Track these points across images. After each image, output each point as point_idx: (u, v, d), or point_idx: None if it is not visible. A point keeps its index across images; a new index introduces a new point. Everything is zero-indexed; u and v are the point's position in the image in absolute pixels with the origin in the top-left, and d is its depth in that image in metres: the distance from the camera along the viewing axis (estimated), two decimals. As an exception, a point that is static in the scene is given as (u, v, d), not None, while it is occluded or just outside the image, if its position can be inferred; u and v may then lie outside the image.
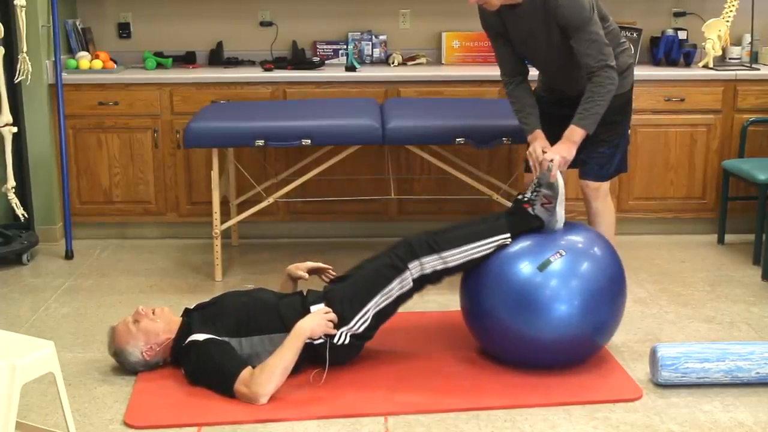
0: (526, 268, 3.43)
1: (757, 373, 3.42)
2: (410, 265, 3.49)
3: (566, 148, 3.75)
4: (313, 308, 3.50)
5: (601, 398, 3.37)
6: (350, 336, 3.49)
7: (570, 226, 3.65)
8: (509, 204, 4.75)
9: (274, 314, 3.52)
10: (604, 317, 3.52)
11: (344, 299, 3.52)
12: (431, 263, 3.50)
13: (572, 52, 3.77)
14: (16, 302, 4.44)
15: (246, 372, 3.32)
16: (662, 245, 5.29)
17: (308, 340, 3.43)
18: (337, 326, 3.47)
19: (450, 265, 3.51)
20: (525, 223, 3.57)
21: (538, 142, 3.87)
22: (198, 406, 3.30)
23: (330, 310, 3.48)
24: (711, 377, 3.42)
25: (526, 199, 3.60)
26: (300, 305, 3.55)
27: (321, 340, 3.46)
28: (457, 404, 3.32)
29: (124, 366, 3.56)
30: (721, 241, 5.32)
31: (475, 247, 3.52)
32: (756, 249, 4.93)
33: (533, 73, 4.07)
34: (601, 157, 3.97)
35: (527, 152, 3.89)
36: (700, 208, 5.45)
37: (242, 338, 3.47)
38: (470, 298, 3.61)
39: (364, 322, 3.50)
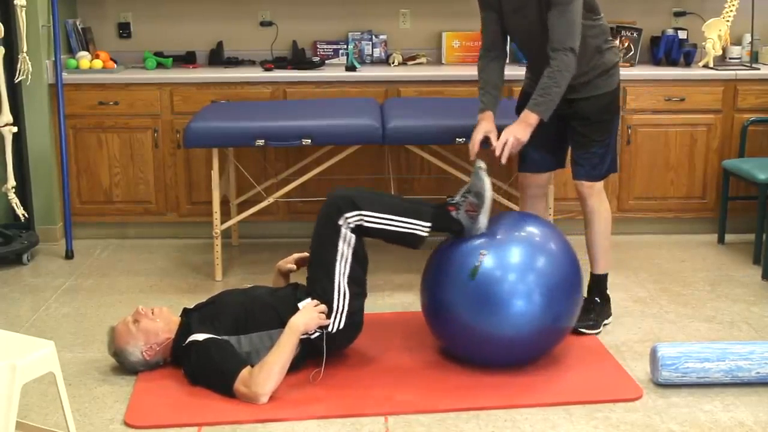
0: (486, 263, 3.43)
1: (758, 372, 3.42)
2: (339, 222, 3.49)
3: (521, 129, 3.78)
4: (300, 305, 3.51)
5: (601, 398, 3.37)
6: (343, 318, 3.49)
7: (524, 218, 3.67)
8: (509, 203, 4.77)
9: (271, 311, 3.52)
10: (562, 307, 3.51)
11: (316, 284, 3.54)
12: (354, 218, 3.49)
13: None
14: (16, 302, 4.44)
15: (245, 371, 3.32)
16: (662, 245, 5.29)
17: (304, 336, 3.44)
18: (327, 315, 3.48)
19: (367, 224, 3.50)
20: (445, 222, 3.57)
21: (483, 123, 3.91)
22: (198, 405, 3.30)
23: (318, 302, 3.49)
24: (711, 377, 3.42)
25: (453, 201, 3.58)
26: (293, 299, 3.57)
27: (317, 333, 3.47)
28: (457, 404, 3.32)
29: (124, 366, 3.56)
30: (721, 240, 5.32)
31: (392, 220, 3.51)
32: (756, 249, 4.93)
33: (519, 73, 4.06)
34: (594, 157, 3.96)
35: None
36: (700, 208, 5.45)
37: (241, 336, 3.48)
38: (429, 296, 3.62)
39: (344, 296, 3.50)
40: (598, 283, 4.13)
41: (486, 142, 3.91)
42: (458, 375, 3.54)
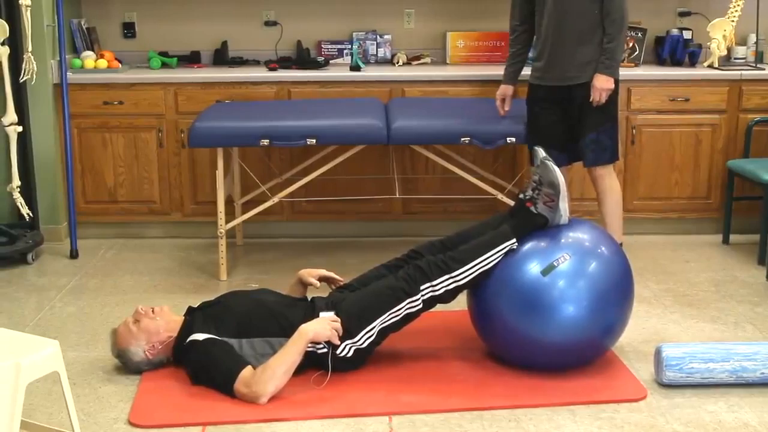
0: (534, 269, 3.42)
1: (762, 373, 3.41)
2: (422, 288, 3.48)
3: (605, 81, 4.32)
4: (322, 314, 3.49)
5: (605, 398, 3.37)
6: (354, 350, 3.48)
7: (578, 225, 3.64)
8: (513, 203, 4.76)
9: (276, 319, 3.50)
10: (611, 319, 3.51)
11: (351, 314, 3.50)
12: (443, 284, 3.48)
13: (579, 11, 4.26)
14: (20, 301, 4.45)
15: (246, 371, 3.32)
16: (667, 245, 5.29)
17: (311, 348, 3.43)
18: (342, 339, 3.46)
19: (461, 282, 3.49)
20: (529, 223, 3.56)
21: (502, 88, 4.67)
22: (202, 405, 3.30)
23: (338, 319, 3.47)
24: (716, 377, 3.42)
25: (528, 197, 3.58)
26: (307, 313, 3.54)
27: (324, 350, 3.45)
28: (462, 404, 3.32)
29: (128, 366, 3.56)
30: (725, 241, 5.31)
31: (484, 260, 3.49)
32: (761, 249, 4.92)
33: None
34: (594, 143, 4.38)
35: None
36: (704, 208, 5.44)
37: (243, 339, 3.47)
38: (477, 300, 3.60)
39: (369, 338, 3.49)
40: None
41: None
42: (462, 375, 3.54)
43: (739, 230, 5.31)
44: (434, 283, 3.48)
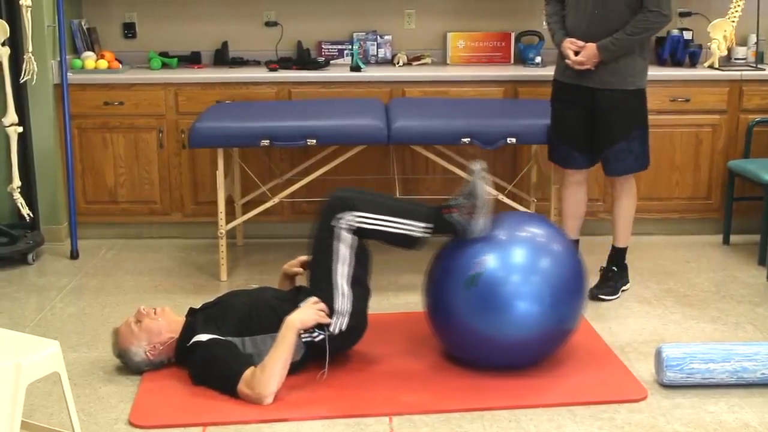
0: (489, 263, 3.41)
1: (763, 373, 3.42)
2: (336, 224, 3.47)
3: (592, 58, 4.19)
4: (302, 304, 3.50)
5: (605, 399, 3.37)
6: (345, 319, 3.47)
7: (528, 219, 3.65)
8: (513, 204, 4.77)
9: (275, 314, 3.52)
10: (566, 310, 3.50)
11: (315, 286, 3.53)
12: (349, 219, 3.46)
13: (619, 15, 4.12)
14: (21, 302, 4.45)
15: (248, 373, 3.32)
16: (667, 245, 5.29)
17: (308, 338, 3.44)
18: (330, 315, 3.46)
19: (360, 224, 3.47)
20: (444, 225, 3.53)
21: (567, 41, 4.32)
22: (203, 406, 3.30)
23: (318, 299, 3.47)
24: (716, 378, 3.42)
25: (450, 204, 3.55)
26: (295, 301, 3.56)
27: (321, 336, 3.46)
28: (462, 404, 3.32)
29: (129, 366, 3.57)
30: (726, 241, 5.31)
31: (388, 221, 3.49)
32: (761, 249, 4.92)
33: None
34: (625, 152, 4.29)
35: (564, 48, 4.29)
36: (705, 209, 5.44)
37: (245, 338, 3.48)
38: (431, 299, 3.60)
39: (346, 297, 3.48)
40: (618, 255, 4.52)
41: None
42: (463, 375, 3.54)
43: (740, 231, 5.31)
44: (341, 216, 3.46)
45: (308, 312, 3.43)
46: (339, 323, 3.48)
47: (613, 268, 4.50)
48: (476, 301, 3.40)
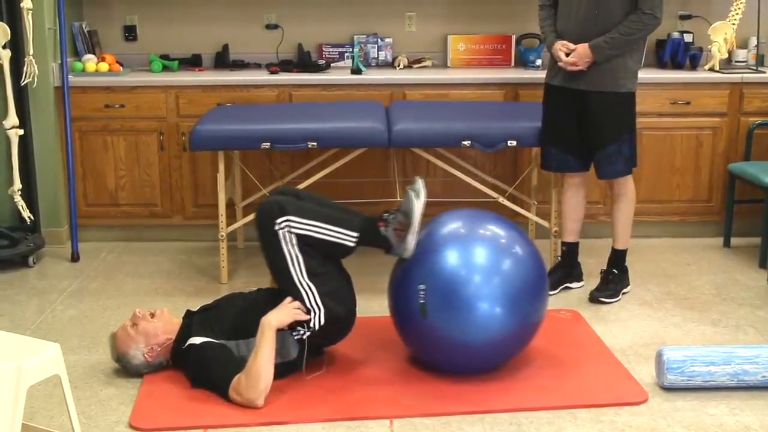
0: (452, 268, 3.41)
1: (764, 376, 3.42)
2: (275, 228, 3.44)
3: (583, 61, 4.20)
4: (281, 304, 3.49)
5: (606, 401, 3.37)
6: (320, 314, 3.45)
7: (493, 220, 3.62)
8: (514, 206, 4.77)
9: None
10: (528, 309, 3.48)
11: (284, 291, 3.51)
12: (283, 223, 3.45)
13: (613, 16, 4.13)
14: (22, 304, 4.45)
15: (236, 380, 3.33)
16: (668, 248, 5.29)
17: (297, 335, 3.44)
18: (306, 313, 3.45)
19: (294, 230, 3.45)
20: (372, 239, 3.52)
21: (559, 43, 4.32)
22: (203, 408, 3.30)
23: (292, 299, 3.47)
24: (717, 380, 3.42)
25: (383, 217, 3.53)
26: (278, 301, 3.54)
27: (305, 333, 3.45)
28: (463, 407, 3.32)
29: (128, 370, 3.57)
30: (727, 244, 5.31)
31: (320, 227, 3.47)
32: (762, 252, 4.92)
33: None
34: (616, 155, 4.29)
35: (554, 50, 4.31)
36: (705, 211, 5.44)
37: (240, 341, 3.48)
38: (394, 305, 3.60)
39: (311, 292, 3.46)
40: (618, 257, 4.51)
41: None
42: (463, 378, 3.54)
43: (740, 233, 5.31)
44: (277, 221, 3.44)
45: (284, 311, 3.43)
46: (317, 318, 3.46)
47: (614, 270, 4.50)
48: (437, 305, 3.38)
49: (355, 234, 3.49)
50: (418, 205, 3.46)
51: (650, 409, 3.33)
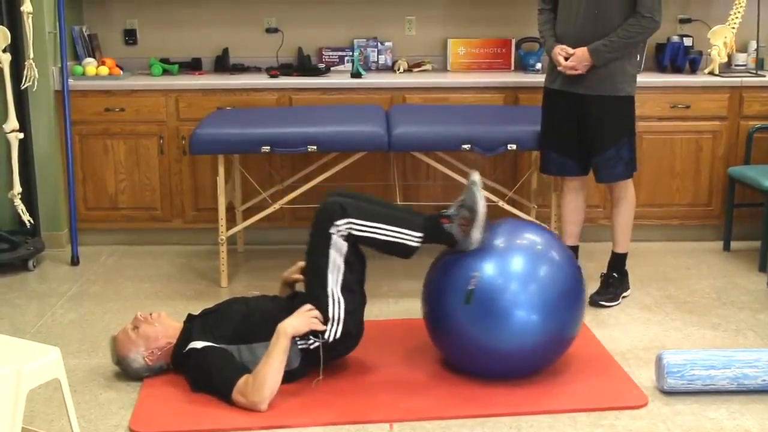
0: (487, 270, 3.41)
1: (764, 380, 3.41)
2: (331, 231, 3.45)
3: (582, 66, 4.21)
4: (298, 310, 3.49)
5: (606, 405, 3.37)
6: (339, 325, 3.46)
7: (524, 228, 3.63)
8: (514, 210, 4.77)
9: (270, 321, 3.49)
10: (565, 318, 3.48)
11: (311, 293, 3.52)
12: (343, 226, 3.45)
13: (609, 1, 4.12)
14: (22, 308, 4.45)
15: (242, 381, 3.32)
16: (668, 252, 5.29)
17: (303, 345, 3.44)
18: (324, 322, 3.45)
19: (355, 232, 3.46)
20: (437, 234, 3.52)
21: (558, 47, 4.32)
22: (203, 412, 3.30)
23: (312, 307, 3.47)
24: (717, 384, 3.42)
25: (446, 213, 3.54)
26: (290, 308, 3.55)
27: (315, 343, 3.46)
28: (463, 411, 3.32)
29: (128, 373, 3.57)
30: (726, 247, 5.31)
31: (383, 229, 3.48)
32: (762, 256, 4.92)
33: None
34: (615, 158, 4.28)
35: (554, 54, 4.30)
36: (705, 215, 5.44)
37: (242, 345, 3.48)
38: (429, 307, 3.59)
39: (338, 304, 3.47)
40: (618, 260, 4.51)
41: None
42: (464, 382, 3.54)
43: (740, 237, 5.31)
44: (336, 223, 3.45)
45: (301, 319, 3.43)
46: (333, 330, 3.46)
47: (614, 274, 4.50)
48: (475, 311, 3.39)
49: (418, 234, 3.50)
50: (481, 199, 3.47)
51: (650, 413, 3.33)
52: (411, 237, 3.50)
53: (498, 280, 3.39)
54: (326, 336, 3.46)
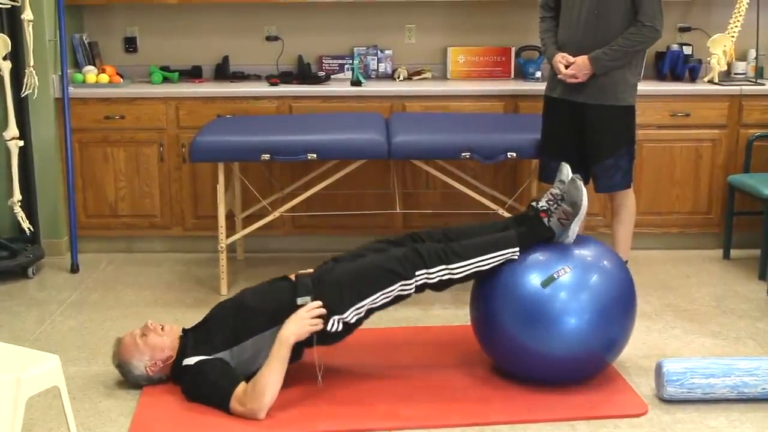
0: (535, 280, 3.42)
1: (763, 388, 3.41)
2: (417, 273, 3.47)
3: (582, 74, 4.24)
4: (299, 300, 3.47)
5: (606, 414, 3.36)
6: (342, 324, 3.45)
7: (581, 240, 3.64)
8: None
9: (261, 313, 3.48)
10: (613, 333, 3.51)
11: (343, 287, 3.48)
12: (438, 274, 3.48)
13: (611, 9, 4.14)
14: (21, 316, 4.44)
15: (239, 389, 3.32)
16: (668, 260, 5.29)
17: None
18: (330, 314, 3.43)
19: (456, 276, 3.49)
20: (537, 233, 3.55)
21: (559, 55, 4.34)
22: (202, 421, 3.30)
23: (318, 304, 3.43)
24: (717, 393, 3.42)
25: (543, 208, 3.57)
26: (288, 297, 3.51)
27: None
28: (462, 419, 3.32)
29: (126, 378, 3.56)
30: (726, 256, 5.31)
31: (484, 260, 3.49)
32: (762, 264, 4.92)
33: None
34: (613, 168, 4.29)
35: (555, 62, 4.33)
36: (705, 223, 5.44)
37: (234, 347, 3.47)
38: (480, 313, 3.60)
39: (357, 315, 3.47)
40: None
41: None
42: (463, 390, 3.54)
43: (740, 245, 5.31)
44: (430, 271, 3.47)
45: (300, 324, 3.40)
46: (335, 326, 3.45)
47: None
48: (525, 316, 3.42)
49: (515, 249, 3.51)
50: (586, 194, 3.51)
51: (650, 421, 3.33)
52: (511, 254, 3.51)
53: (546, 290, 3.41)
54: (328, 327, 3.43)
